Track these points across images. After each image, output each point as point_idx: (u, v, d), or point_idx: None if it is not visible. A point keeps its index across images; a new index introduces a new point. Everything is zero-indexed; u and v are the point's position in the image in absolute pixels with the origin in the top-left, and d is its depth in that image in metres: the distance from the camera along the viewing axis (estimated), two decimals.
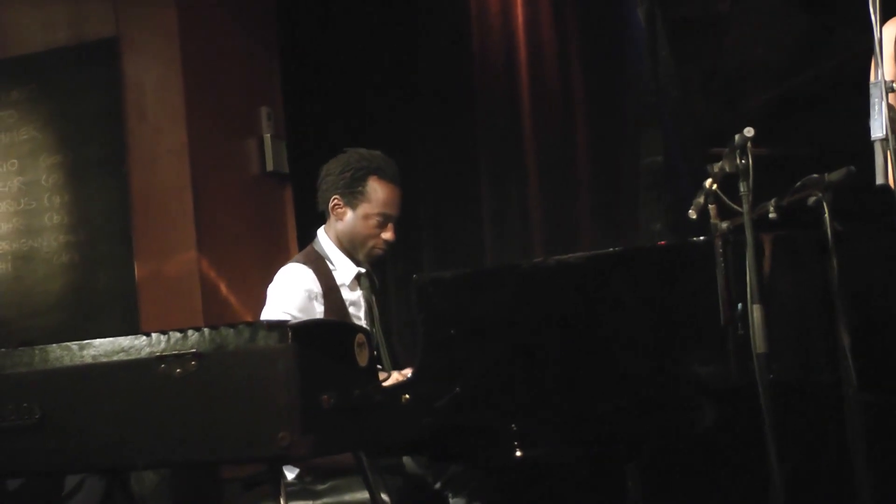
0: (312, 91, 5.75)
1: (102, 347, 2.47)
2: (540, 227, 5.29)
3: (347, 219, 3.86)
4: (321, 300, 3.76)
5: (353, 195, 3.84)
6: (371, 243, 3.86)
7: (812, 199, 2.99)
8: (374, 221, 3.83)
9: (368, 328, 3.86)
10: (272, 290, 3.83)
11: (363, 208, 3.83)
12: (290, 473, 3.75)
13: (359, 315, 3.88)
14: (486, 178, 5.40)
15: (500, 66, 5.39)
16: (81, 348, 2.49)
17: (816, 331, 3.11)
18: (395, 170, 3.90)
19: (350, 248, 3.88)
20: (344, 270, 3.87)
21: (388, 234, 3.86)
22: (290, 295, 3.74)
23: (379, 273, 4.27)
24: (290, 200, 5.79)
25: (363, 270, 3.89)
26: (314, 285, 3.78)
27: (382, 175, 3.85)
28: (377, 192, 3.84)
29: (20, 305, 5.40)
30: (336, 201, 3.86)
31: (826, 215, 2.95)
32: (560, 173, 5.28)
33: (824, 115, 3.97)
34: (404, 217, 4.06)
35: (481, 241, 5.38)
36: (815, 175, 3.02)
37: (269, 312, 3.76)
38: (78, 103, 5.39)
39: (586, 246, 4.98)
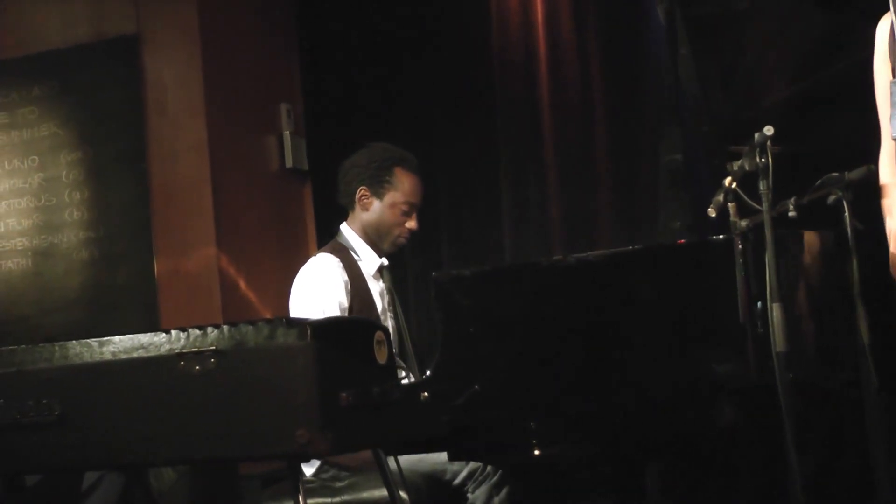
0: (332, 88, 5.76)
1: (122, 344, 2.47)
2: (559, 225, 5.29)
3: (374, 208, 3.99)
4: (349, 289, 3.86)
5: (380, 185, 3.98)
6: (396, 232, 4.00)
7: (832, 198, 2.99)
8: (400, 210, 3.98)
9: (393, 319, 3.94)
10: (305, 284, 3.88)
11: (390, 197, 3.98)
12: (309, 469, 3.76)
13: (383, 304, 3.95)
14: (506, 176, 5.40)
15: (519, 64, 5.38)
16: (101, 345, 2.49)
17: (836, 330, 3.10)
18: (417, 161, 4.06)
19: (376, 237, 4.00)
20: (368, 261, 3.99)
21: (412, 223, 4.01)
22: (328, 286, 3.82)
23: (398, 270, 4.29)
24: (310, 197, 5.80)
25: (386, 262, 3.98)
26: (343, 273, 3.88)
27: (407, 166, 4.01)
28: (402, 181, 3.99)
29: (40, 301, 5.41)
30: (363, 192, 4.00)
31: (846, 214, 2.95)
32: (579, 171, 5.27)
33: (844, 112, 3.96)
34: (423, 215, 4.10)
35: (500, 239, 5.38)
36: (835, 173, 3.01)
37: (308, 306, 3.80)
38: (98, 100, 5.40)
39: (605, 244, 4.98)
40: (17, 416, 2.52)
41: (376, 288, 3.98)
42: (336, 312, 3.76)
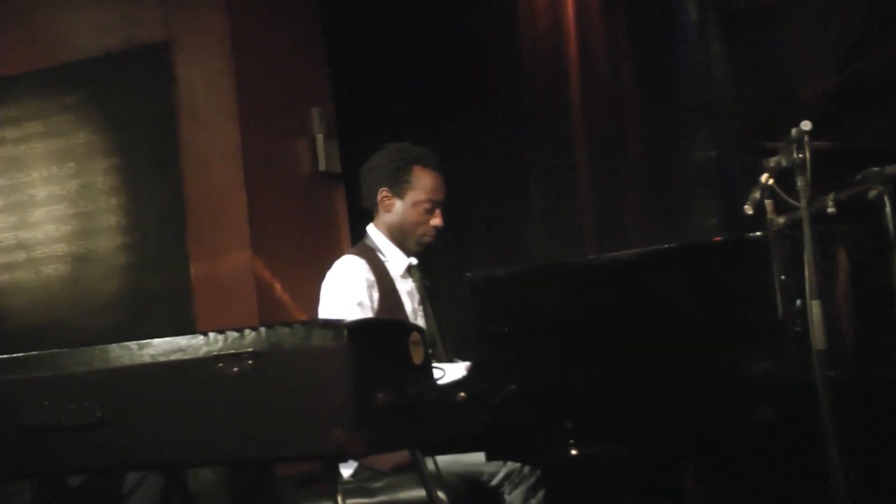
0: (363, 91, 5.76)
1: (161, 347, 2.49)
2: (591, 223, 5.27)
3: (396, 209, 4.00)
4: (376, 289, 3.86)
5: (399, 185, 3.98)
6: (421, 230, 4.00)
7: (872, 193, 2.96)
8: (422, 208, 3.98)
9: (423, 318, 3.95)
10: (331, 285, 3.90)
11: (411, 196, 3.98)
12: (347, 470, 3.76)
13: (413, 305, 3.95)
14: (537, 174, 5.39)
15: (549, 61, 5.37)
16: (140, 348, 2.51)
17: (877, 327, 3.08)
18: (436, 158, 4.05)
19: (401, 238, 4.00)
20: (396, 261, 3.98)
21: (436, 220, 4.00)
22: (352, 286, 3.84)
23: (429, 271, 4.29)
24: (343, 200, 5.80)
25: (414, 262, 3.99)
26: (368, 274, 3.88)
27: (425, 163, 4.01)
28: (422, 179, 3.99)
29: (78, 306, 5.45)
30: (384, 193, 4.00)
31: (887, 209, 2.92)
32: (611, 169, 5.25)
33: (882, 106, 3.93)
34: (454, 214, 4.10)
35: (532, 238, 5.37)
36: (875, 168, 2.99)
37: (334, 307, 3.81)
38: (132, 106, 5.42)
39: (639, 242, 4.96)
40: (59, 419, 2.54)
41: (405, 288, 3.98)
42: (358, 313, 3.76)
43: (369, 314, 3.78)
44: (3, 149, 5.64)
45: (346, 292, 3.82)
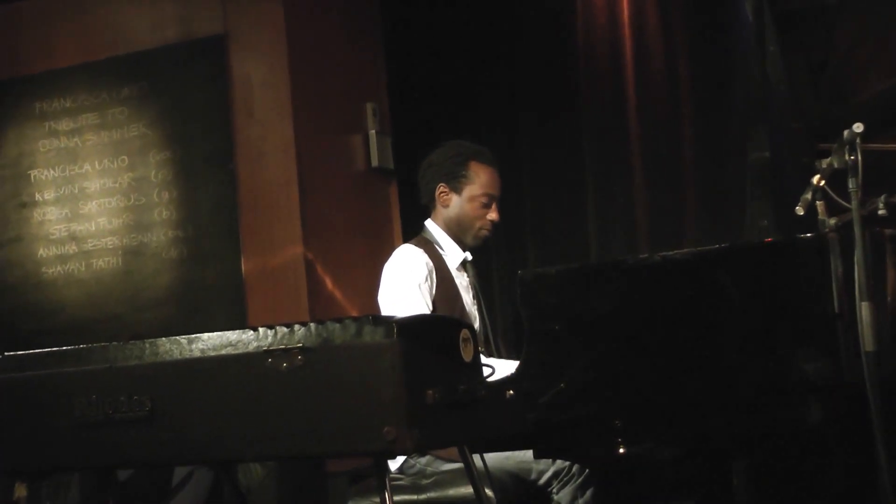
0: (417, 87, 5.77)
1: (211, 341, 2.50)
2: (645, 223, 5.26)
3: (453, 204, 4.05)
4: (435, 275, 3.92)
5: (457, 180, 4.04)
6: (478, 224, 4.04)
7: None
8: (479, 202, 4.03)
9: (478, 312, 3.97)
10: (392, 271, 3.95)
11: (468, 191, 4.03)
12: (393, 465, 3.78)
13: (468, 298, 3.99)
14: (592, 174, 5.38)
15: (605, 61, 5.36)
16: (190, 342, 2.53)
17: None
18: (491, 154, 4.11)
19: (458, 232, 4.06)
20: (452, 255, 4.05)
21: (493, 215, 4.05)
22: (414, 270, 3.89)
23: (483, 271, 4.31)
24: (396, 196, 5.82)
25: (469, 257, 4.03)
26: (428, 260, 3.94)
27: (481, 158, 4.06)
28: (479, 174, 4.04)
29: (130, 300, 5.48)
30: (442, 189, 4.06)
31: None
32: (666, 169, 5.24)
33: None
34: (510, 215, 4.10)
35: (586, 237, 5.37)
36: None
37: (396, 291, 3.87)
38: (186, 100, 5.46)
39: (692, 242, 4.94)
40: (109, 412, 2.56)
41: (461, 282, 4.03)
42: (424, 295, 3.80)
43: (429, 299, 3.82)
44: (56, 140, 5.70)
45: (407, 277, 3.87)
